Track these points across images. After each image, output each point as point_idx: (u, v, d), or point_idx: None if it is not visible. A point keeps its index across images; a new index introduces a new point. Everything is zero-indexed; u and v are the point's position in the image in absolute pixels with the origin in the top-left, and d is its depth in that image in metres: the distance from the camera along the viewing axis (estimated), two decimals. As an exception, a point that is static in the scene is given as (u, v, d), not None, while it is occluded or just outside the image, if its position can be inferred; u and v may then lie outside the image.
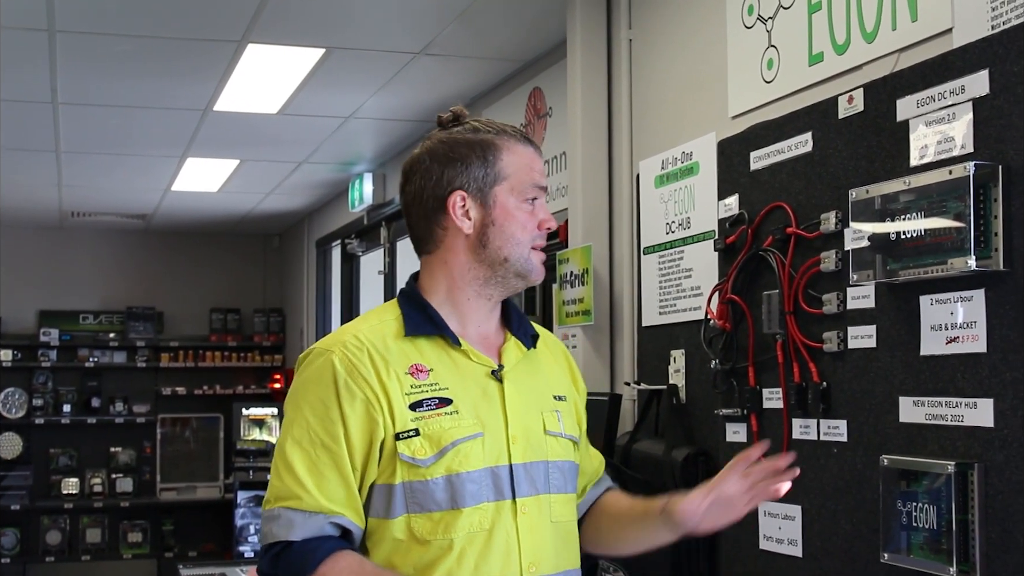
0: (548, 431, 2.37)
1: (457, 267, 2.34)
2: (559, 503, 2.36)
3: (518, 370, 2.37)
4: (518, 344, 2.41)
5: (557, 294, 4.50)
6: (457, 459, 2.21)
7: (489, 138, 2.35)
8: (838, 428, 2.85)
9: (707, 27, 3.73)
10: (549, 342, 2.55)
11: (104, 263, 11.09)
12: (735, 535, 3.23)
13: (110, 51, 5.32)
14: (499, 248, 2.32)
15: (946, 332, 2.53)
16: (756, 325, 3.14)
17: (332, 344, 2.28)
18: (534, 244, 2.35)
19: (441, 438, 2.21)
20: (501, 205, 2.32)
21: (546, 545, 2.29)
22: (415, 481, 2.20)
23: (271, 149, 7.54)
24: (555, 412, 2.40)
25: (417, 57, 5.38)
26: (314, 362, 2.27)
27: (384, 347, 2.26)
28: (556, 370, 2.51)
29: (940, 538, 2.47)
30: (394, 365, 2.25)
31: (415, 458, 2.19)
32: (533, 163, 2.37)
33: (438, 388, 2.26)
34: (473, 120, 2.41)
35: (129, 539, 10.63)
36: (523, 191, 2.33)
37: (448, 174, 2.33)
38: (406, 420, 2.21)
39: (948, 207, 2.45)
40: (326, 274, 9.94)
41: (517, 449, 2.29)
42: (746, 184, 3.25)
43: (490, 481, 2.24)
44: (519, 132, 2.40)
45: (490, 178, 2.32)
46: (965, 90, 2.50)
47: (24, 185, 8.69)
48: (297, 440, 2.21)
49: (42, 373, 10.66)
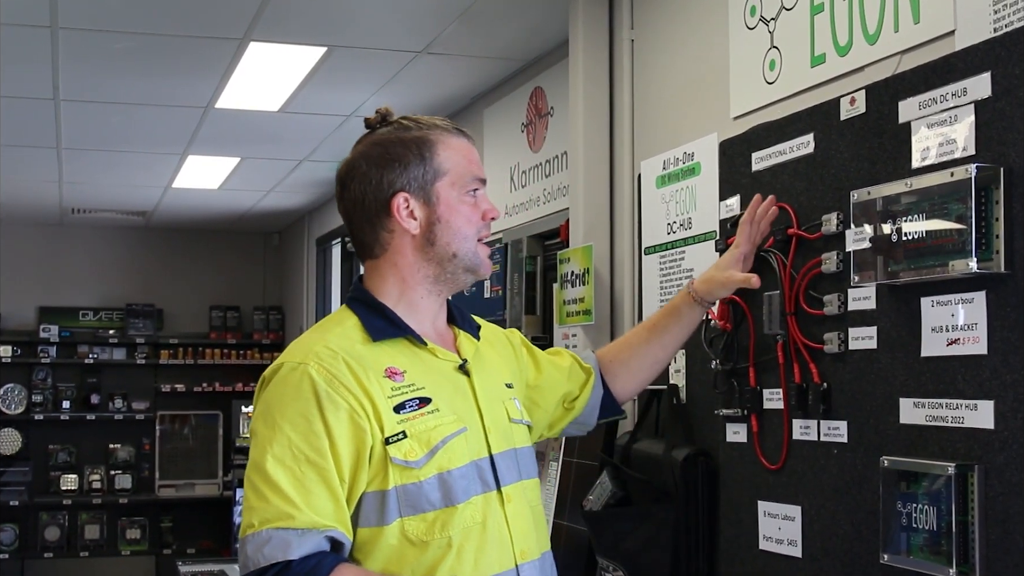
0: (512, 419, 2.41)
1: (407, 268, 2.34)
2: (532, 488, 2.42)
3: (476, 363, 2.41)
4: (468, 337, 2.44)
5: (558, 294, 4.50)
6: (446, 456, 2.22)
7: (423, 135, 2.34)
8: (838, 429, 2.85)
9: (709, 27, 3.73)
10: (490, 332, 2.59)
11: (104, 260, 11.10)
12: (735, 535, 3.24)
13: (112, 48, 5.33)
14: (447, 244, 2.32)
15: (947, 334, 2.53)
16: (757, 326, 3.14)
17: (304, 356, 2.23)
18: (479, 236, 2.36)
19: (430, 437, 2.21)
20: (444, 201, 2.32)
21: (530, 530, 2.32)
22: (408, 484, 2.18)
23: (272, 147, 7.54)
24: (512, 400, 2.46)
25: (419, 56, 5.39)
26: (288, 377, 2.21)
27: (356, 353, 2.24)
28: (499, 358, 2.55)
29: (940, 539, 2.47)
30: (370, 370, 2.22)
31: (407, 460, 2.18)
32: (470, 155, 2.37)
33: (416, 388, 2.25)
34: (401, 119, 2.39)
35: (128, 536, 10.65)
36: (464, 184, 2.33)
37: (387, 177, 2.32)
38: (393, 423, 2.20)
39: (949, 209, 2.45)
40: (326, 272, 9.95)
41: (493, 440, 2.32)
42: (748, 185, 3.25)
43: (475, 474, 2.26)
44: (451, 125, 2.39)
45: (430, 175, 2.32)
46: (967, 92, 2.50)
47: (25, 181, 8.70)
48: (279, 458, 2.13)
49: (41, 369, 10.67)
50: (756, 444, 3.15)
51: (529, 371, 2.68)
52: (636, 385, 2.92)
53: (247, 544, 2.11)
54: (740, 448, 3.23)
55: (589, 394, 2.78)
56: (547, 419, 2.73)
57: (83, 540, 10.53)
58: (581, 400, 2.78)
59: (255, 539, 2.10)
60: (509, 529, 2.28)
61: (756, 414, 3.16)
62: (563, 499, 4.01)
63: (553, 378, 2.72)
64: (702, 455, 3.37)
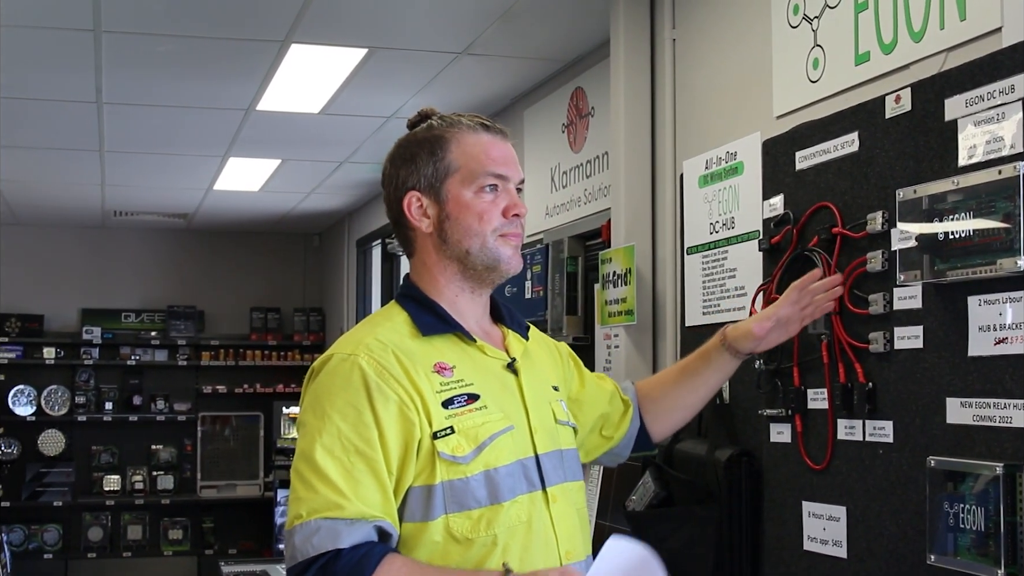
0: (559, 420, 2.41)
1: (434, 267, 2.35)
2: (577, 490, 2.41)
3: (524, 362, 2.40)
4: (517, 337, 2.44)
5: (599, 294, 4.50)
6: (493, 454, 2.22)
7: (439, 133, 2.34)
8: (884, 429, 2.83)
9: (752, 26, 3.72)
10: (534, 333, 2.57)
11: (146, 262, 11.17)
12: (779, 535, 3.23)
13: (155, 51, 5.36)
14: (458, 242, 2.31)
15: (994, 333, 2.51)
16: (801, 325, 3.13)
17: (354, 348, 2.23)
18: (502, 232, 2.33)
19: (478, 434, 2.21)
20: (454, 198, 2.31)
21: (575, 531, 2.32)
22: (455, 480, 2.18)
23: (313, 149, 7.57)
24: (559, 402, 2.46)
25: (459, 57, 5.39)
26: (338, 367, 2.21)
27: (406, 347, 2.24)
28: (547, 361, 2.55)
29: (987, 540, 2.45)
30: (420, 364, 2.23)
31: (455, 456, 2.18)
32: (488, 151, 2.33)
33: (464, 384, 2.25)
34: (438, 117, 2.39)
35: (170, 536, 10.70)
36: (476, 180, 2.31)
37: (402, 175, 2.35)
38: (441, 418, 2.19)
39: (997, 207, 2.43)
40: (366, 273, 9.97)
41: (539, 440, 2.31)
42: (791, 184, 3.24)
43: (521, 473, 2.26)
44: (477, 122, 2.37)
45: (440, 173, 2.31)
46: (1015, 89, 2.48)
47: (67, 184, 8.77)
48: (328, 448, 2.13)
49: (84, 371, 10.75)
50: (800, 444, 3.14)
51: (573, 383, 2.67)
52: (667, 427, 2.85)
53: (295, 535, 2.10)
54: (784, 448, 3.22)
55: (627, 425, 2.74)
56: (583, 441, 2.68)
57: (126, 540, 10.60)
58: (620, 430, 2.74)
59: (303, 529, 2.09)
60: (554, 529, 2.28)
61: (800, 414, 3.15)
62: (605, 499, 4.01)
63: (595, 396, 2.69)
64: (745, 455, 3.36)
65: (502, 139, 2.37)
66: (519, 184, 2.39)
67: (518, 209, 2.34)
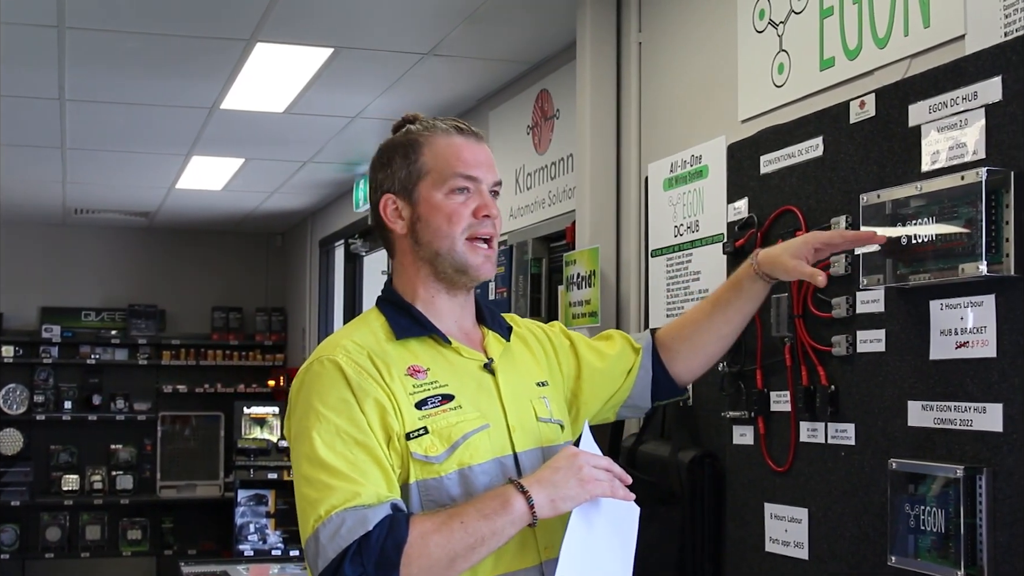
0: (540, 418, 2.42)
1: (409, 268, 2.40)
2: None
3: (503, 362, 2.42)
4: (497, 337, 2.46)
5: (563, 296, 4.51)
6: (467, 452, 2.25)
7: (413, 137, 2.39)
8: (846, 431, 2.85)
9: (718, 31, 3.74)
10: (521, 330, 2.58)
11: (107, 260, 11.10)
12: (741, 537, 3.24)
13: (119, 48, 5.34)
14: (429, 243, 2.35)
15: (956, 337, 2.53)
16: (764, 328, 3.15)
17: (332, 350, 2.28)
18: (471, 234, 2.35)
19: (451, 433, 2.24)
20: (424, 200, 2.35)
21: (556, 526, 2.32)
22: (429, 479, 2.22)
23: (276, 148, 7.55)
24: (542, 399, 2.46)
25: (425, 58, 5.39)
26: (321, 370, 2.26)
27: (381, 351, 2.29)
28: (534, 357, 2.55)
29: (948, 542, 2.47)
30: (394, 367, 2.27)
31: (428, 456, 2.22)
32: (460, 153, 2.37)
33: (438, 385, 2.29)
34: (419, 123, 2.43)
35: (129, 536, 10.64)
36: (447, 182, 2.34)
37: (379, 179, 2.41)
38: (414, 419, 2.23)
39: (959, 213, 2.45)
40: (328, 274, 9.95)
41: (518, 438, 2.33)
42: (756, 188, 3.26)
43: (499, 472, 2.29)
44: (452, 125, 2.40)
45: (413, 176, 2.36)
46: (978, 96, 2.51)
47: (28, 181, 8.71)
48: (330, 445, 2.17)
49: (43, 370, 10.67)
50: (763, 446, 3.16)
51: (569, 362, 2.66)
52: (701, 363, 2.79)
53: (319, 536, 2.12)
54: (747, 450, 3.24)
55: (634, 379, 2.72)
56: (598, 405, 2.68)
57: (84, 541, 10.52)
58: (626, 385, 2.72)
59: (327, 527, 2.12)
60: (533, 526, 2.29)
61: (763, 416, 3.16)
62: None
63: (593, 367, 2.67)
64: (708, 457, 3.38)
65: (476, 142, 2.41)
66: (494, 186, 2.41)
67: (487, 210, 2.36)
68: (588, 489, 2.20)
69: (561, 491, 2.18)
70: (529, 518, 2.16)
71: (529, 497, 2.15)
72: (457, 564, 2.13)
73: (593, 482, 2.20)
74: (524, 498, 2.15)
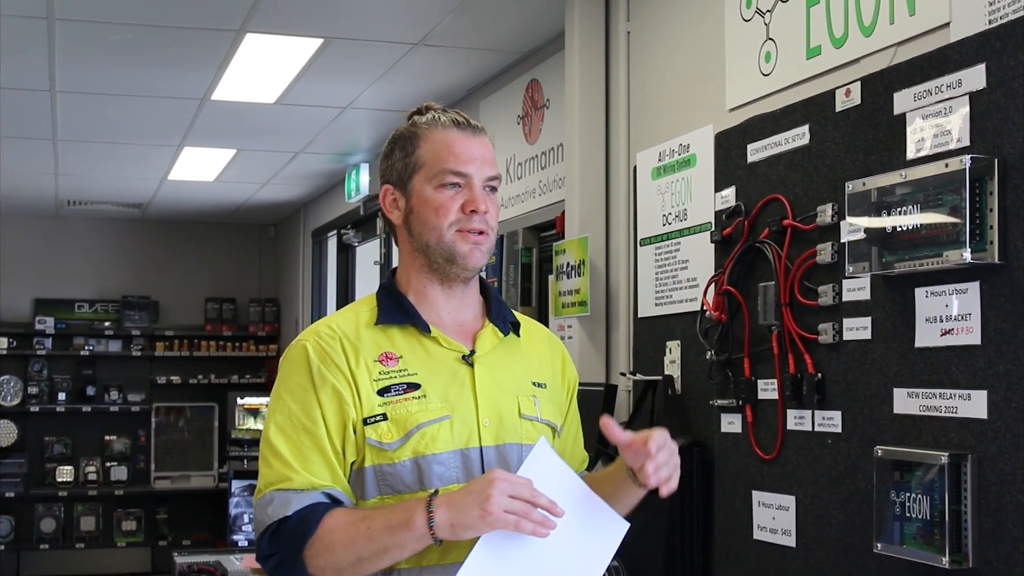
0: (523, 415, 2.40)
1: (407, 258, 2.43)
2: None
3: (494, 355, 2.41)
4: (495, 331, 2.44)
5: (553, 285, 4.51)
6: (423, 442, 2.26)
7: (414, 130, 2.41)
8: (833, 419, 2.87)
9: (705, 20, 3.74)
10: (540, 334, 2.57)
11: (100, 252, 11.09)
12: (729, 524, 3.25)
13: (109, 39, 5.33)
14: (420, 234, 2.37)
15: (941, 324, 2.54)
16: (752, 316, 3.16)
17: (307, 335, 2.36)
18: (461, 228, 2.35)
19: (407, 422, 2.26)
20: (417, 193, 2.37)
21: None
22: (383, 464, 2.26)
23: (268, 139, 7.54)
24: (532, 397, 2.43)
25: (415, 48, 5.39)
26: (291, 353, 2.35)
27: (356, 336, 2.33)
28: (539, 359, 2.52)
29: (933, 529, 2.49)
30: (364, 353, 2.31)
31: (382, 442, 2.25)
32: (452, 147, 2.37)
33: (407, 374, 2.31)
34: (430, 112, 2.44)
35: (123, 527, 10.64)
36: (437, 176, 2.35)
37: (382, 169, 2.45)
38: (373, 406, 2.27)
39: (944, 200, 2.46)
40: (322, 264, 9.95)
41: (488, 432, 2.32)
42: (743, 176, 3.27)
43: (460, 463, 2.29)
44: (451, 119, 2.41)
45: (409, 169, 2.38)
46: (962, 84, 2.52)
47: (20, 173, 8.69)
48: (280, 427, 2.28)
49: (37, 361, 10.67)
50: (751, 434, 3.17)
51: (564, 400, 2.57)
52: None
53: (257, 508, 2.26)
54: (735, 438, 3.25)
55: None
56: None
57: (79, 532, 10.52)
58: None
59: (261, 502, 2.25)
60: None
61: (751, 404, 3.17)
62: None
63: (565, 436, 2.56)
64: (697, 445, 3.39)
65: (472, 136, 2.40)
66: (489, 182, 2.39)
67: (475, 205, 2.36)
68: (488, 521, 2.08)
69: (462, 517, 2.10)
70: (429, 539, 2.12)
71: (431, 517, 2.11)
72: (364, 566, 2.18)
73: (497, 514, 2.07)
74: (427, 517, 2.11)
